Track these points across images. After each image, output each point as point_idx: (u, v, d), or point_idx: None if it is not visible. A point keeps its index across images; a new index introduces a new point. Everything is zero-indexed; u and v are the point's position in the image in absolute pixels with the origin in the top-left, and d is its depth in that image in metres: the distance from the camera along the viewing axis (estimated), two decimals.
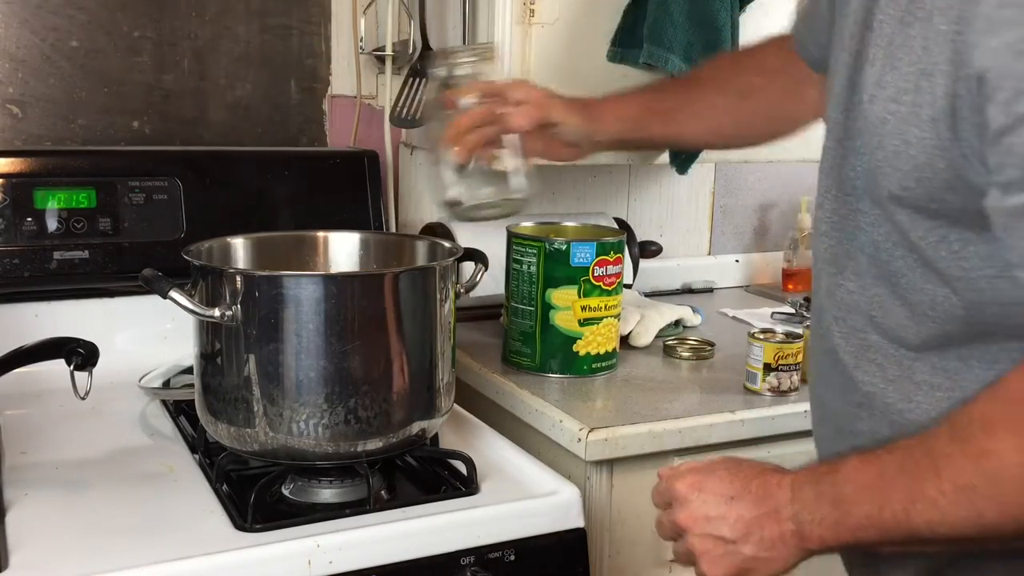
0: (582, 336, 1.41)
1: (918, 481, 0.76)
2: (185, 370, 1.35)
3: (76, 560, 0.91)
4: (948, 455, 0.75)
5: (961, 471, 0.74)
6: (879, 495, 0.78)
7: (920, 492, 0.75)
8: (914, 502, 0.75)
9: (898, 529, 0.77)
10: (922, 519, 0.75)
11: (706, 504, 0.90)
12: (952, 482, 0.74)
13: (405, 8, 1.63)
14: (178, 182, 1.47)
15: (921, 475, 0.76)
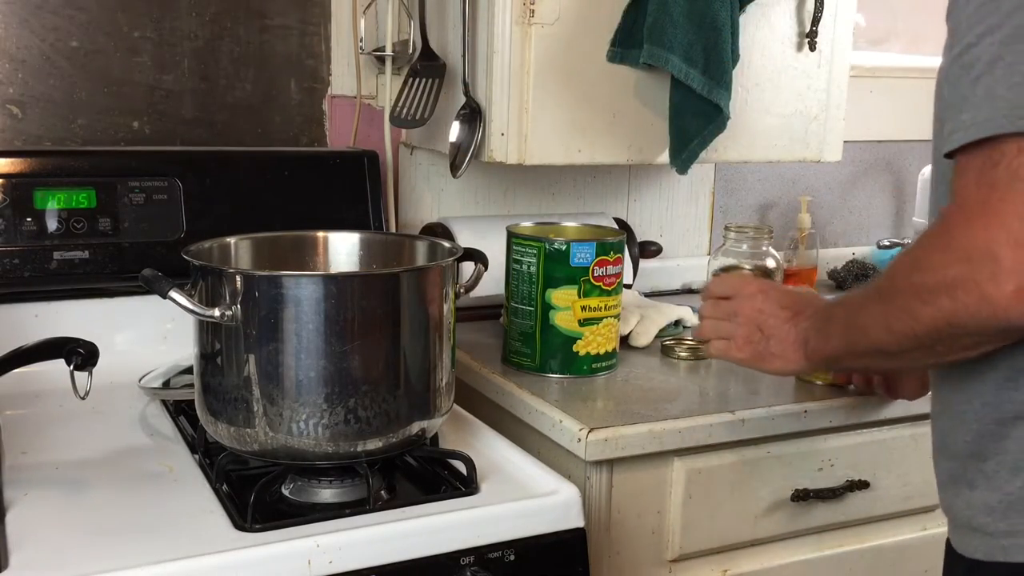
0: (582, 336, 1.41)
1: (871, 307, 0.94)
2: (185, 370, 1.35)
3: (76, 560, 0.91)
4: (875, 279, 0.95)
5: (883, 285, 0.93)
6: (850, 318, 0.99)
7: (865, 318, 0.95)
8: (864, 328, 0.95)
9: (853, 344, 0.99)
10: (862, 327, 0.95)
11: (767, 302, 1.14)
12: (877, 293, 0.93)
13: (405, 8, 1.63)
14: (178, 182, 1.47)
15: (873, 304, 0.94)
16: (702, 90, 1.45)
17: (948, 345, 0.86)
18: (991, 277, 0.77)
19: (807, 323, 1.09)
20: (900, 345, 0.89)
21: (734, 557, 1.36)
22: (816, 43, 1.64)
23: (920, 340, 0.86)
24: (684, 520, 1.30)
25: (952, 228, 0.81)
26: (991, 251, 0.77)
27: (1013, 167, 0.76)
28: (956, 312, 0.81)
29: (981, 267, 0.78)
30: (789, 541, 1.39)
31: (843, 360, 1.07)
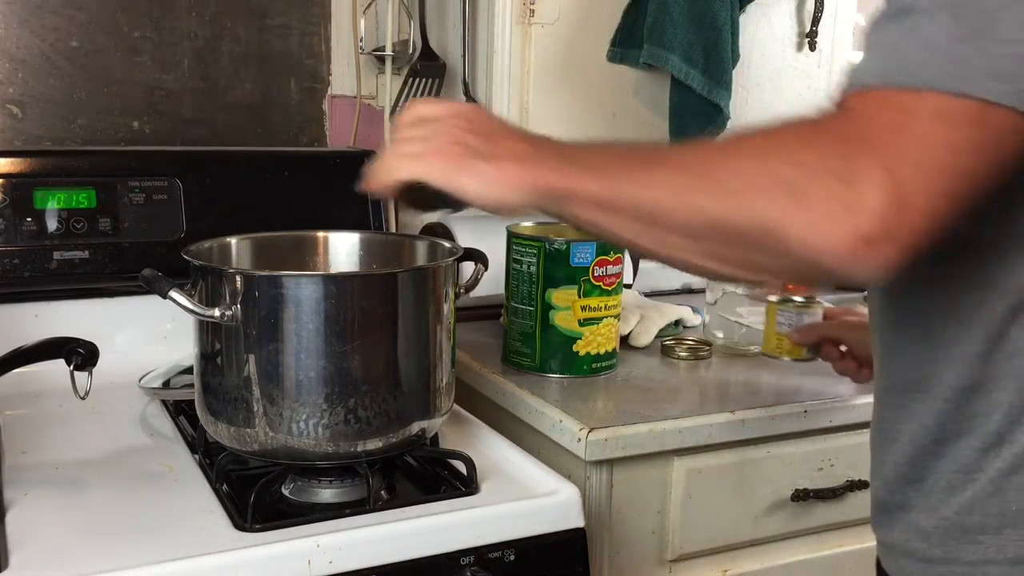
0: (582, 336, 1.41)
1: (662, 153, 0.79)
2: (185, 370, 1.35)
3: (76, 560, 0.91)
4: (704, 141, 0.80)
5: (702, 153, 0.76)
6: (620, 154, 0.80)
7: (658, 160, 0.77)
8: (649, 165, 0.76)
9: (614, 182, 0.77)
10: (645, 179, 0.75)
11: (487, 114, 0.88)
12: (689, 159, 0.76)
13: (405, 8, 1.63)
14: (178, 182, 1.47)
15: (669, 151, 0.80)
16: (702, 90, 1.46)
17: (738, 249, 0.72)
18: (849, 209, 0.65)
19: (546, 142, 0.84)
20: (685, 220, 0.73)
21: (734, 557, 1.36)
22: (816, 43, 1.64)
23: (716, 226, 0.71)
24: (684, 520, 1.30)
25: (842, 131, 0.68)
26: (874, 180, 0.64)
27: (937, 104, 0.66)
28: (787, 218, 0.67)
29: (849, 188, 0.65)
30: (789, 541, 1.39)
31: (580, 206, 0.79)
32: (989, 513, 0.80)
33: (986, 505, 0.80)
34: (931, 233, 0.67)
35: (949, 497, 0.82)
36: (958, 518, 0.81)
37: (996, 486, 0.79)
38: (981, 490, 0.80)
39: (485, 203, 0.84)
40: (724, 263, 0.74)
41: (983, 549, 0.80)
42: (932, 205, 0.65)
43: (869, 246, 0.65)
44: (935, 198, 0.65)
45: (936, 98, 0.66)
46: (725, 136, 0.78)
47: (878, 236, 0.65)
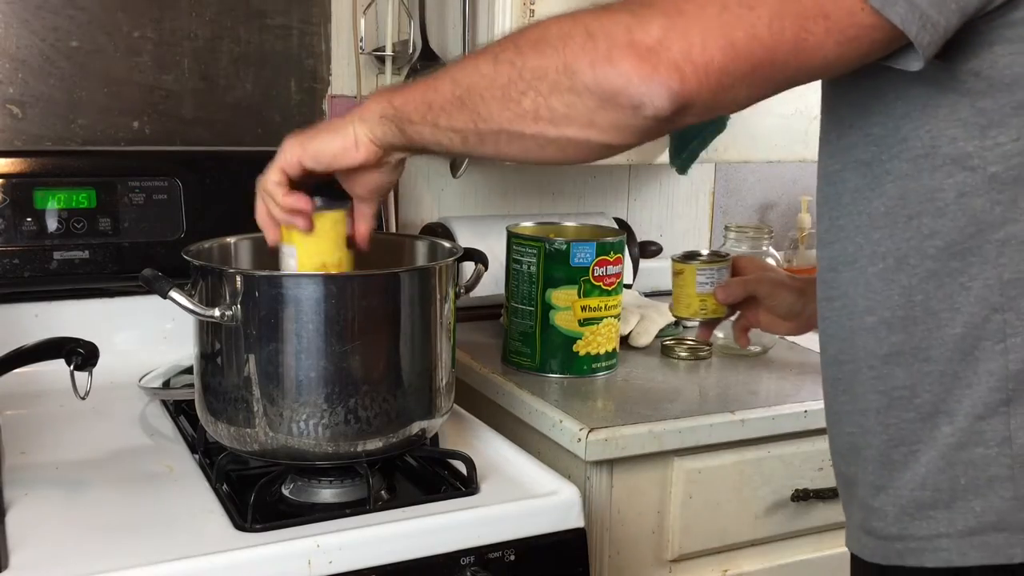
0: (582, 336, 1.41)
1: (490, 52, 0.82)
2: (185, 370, 1.35)
3: (76, 560, 0.91)
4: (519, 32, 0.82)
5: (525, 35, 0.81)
6: (450, 71, 0.86)
7: (486, 58, 0.82)
8: (475, 70, 0.83)
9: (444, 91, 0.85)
10: (471, 83, 0.83)
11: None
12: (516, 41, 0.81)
13: (405, 8, 1.63)
14: (178, 182, 1.47)
15: (491, 49, 0.83)
16: None
17: (548, 99, 0.78)
18: (632, 37, 0.72)
19: (386, 90, 0.94)
20: (519, 113, 0.80)
21: (734, 557, 1.36)
22: None
23: (529, 82, 0.78)
24: (684, 520, 1.30)
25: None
26: (666, 14, 0.72)
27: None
28: (582, 56, 0.75)
29: (641, 23, 0.72)
30: (789, 541, 1.39)
31: (411, 119, 0.88)
32: (940, 488, 0.81)
33: (937, 481, 0.81)
34: (720, 73, 0.72)
35: (896, 472, 0.83)
36: (912, 495, 0.82)
37: (947, 461, 0.80)
38: (933, 466, 0.81)
39: (334, 154, 0.94)
40: (541, 122, 0.79)
41: (935, 524, 0.81)
42: (715, 45, 0.71)
43: (650, 65, 0.72)
44: (719, 39, 0.71)
45: None
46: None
47: (658, 57, 0.72)
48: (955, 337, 0.79)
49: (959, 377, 0.79)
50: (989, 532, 0.79)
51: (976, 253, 0.77)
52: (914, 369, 0.81)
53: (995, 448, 0.78)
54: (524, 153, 0.84)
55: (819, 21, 0.71)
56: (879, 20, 0.70)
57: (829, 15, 0.71)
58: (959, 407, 0.79)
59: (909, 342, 0.81)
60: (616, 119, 0.76)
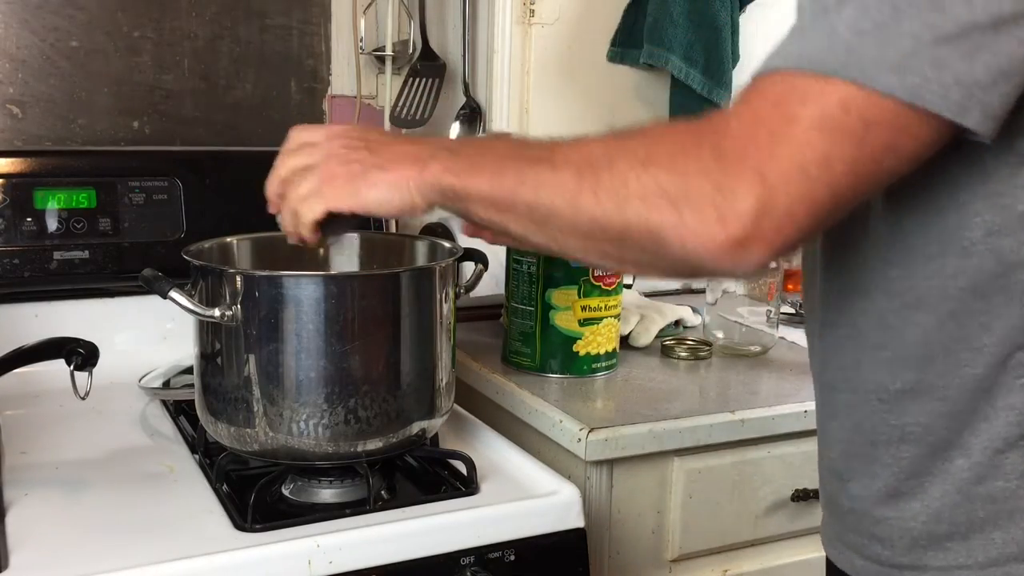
0: (582, 336, 1.41)
1: (550, 151, 0.79)
2: (185, 370, 1.35)
3: (76, 560, 0.91)
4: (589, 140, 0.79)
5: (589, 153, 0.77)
6: (511, 152, 0.82)
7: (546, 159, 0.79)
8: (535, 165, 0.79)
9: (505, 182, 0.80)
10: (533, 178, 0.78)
11: (369, 129, 0.91)
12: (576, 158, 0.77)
13: (405, 8, 1.63)
14: (178, 182, 1.47)
15: (556, 149, 0.79)
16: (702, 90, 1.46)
17: (626, 249, 0.77)
18: (724, 215, 0.69)
19: (436, 143, 0.88)
20: (574, 223, 0.77)
21: (734, 557, 1.36)
22: None
23: (604, 229, 0.75)
24: (684, 520, 1.30)
25: (724, 141, 0.71)
26: (747, 187, 0.69)
27: (818, 113, 0.68)
28: (669, 225, 0.71)
29: (726, 200, 0.69)
30: (789, 541, 1.39)
31: (475, 204, 0.83)
32: (957, 521, 0.80)
33: (954, 514, 0.80)
34: (804, 232, 0.71)
35: (904, 503, 0.83)
36: (925, 527, 0.82)
37: (964, 495, 0.80)
38: (948, 500, 0.80)
39: (389, 210, 0.88)
40: (614, 261, 0.79)
41: (952, 555, 0.81)
42: (798, 212, 0.69)
43: (741, 248, 0.70)
44: (802, 203, 0.69)
45: (832, 88, 0.69)
46: (613, 134, 0.78)
47: (749, 239, 0.69)
48: (975, 377, 0.77)
49: (976, 412, 0.78)
50: (1011, 563, 0.79)
51: (1001, 292, 0.75)
52: (929, 408, 0.80)
53: (1015, 481, 0.78)
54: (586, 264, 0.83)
55: (889, 154, 0.70)
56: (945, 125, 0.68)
57: (898, 147, 0.69)
58: (975, 441, 0.78)
59: (925, 380, 0.79)
60: (693, 275, 0.78)
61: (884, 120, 0.68)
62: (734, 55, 1.48)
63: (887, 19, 0.67)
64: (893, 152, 0.70)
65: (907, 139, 0.69)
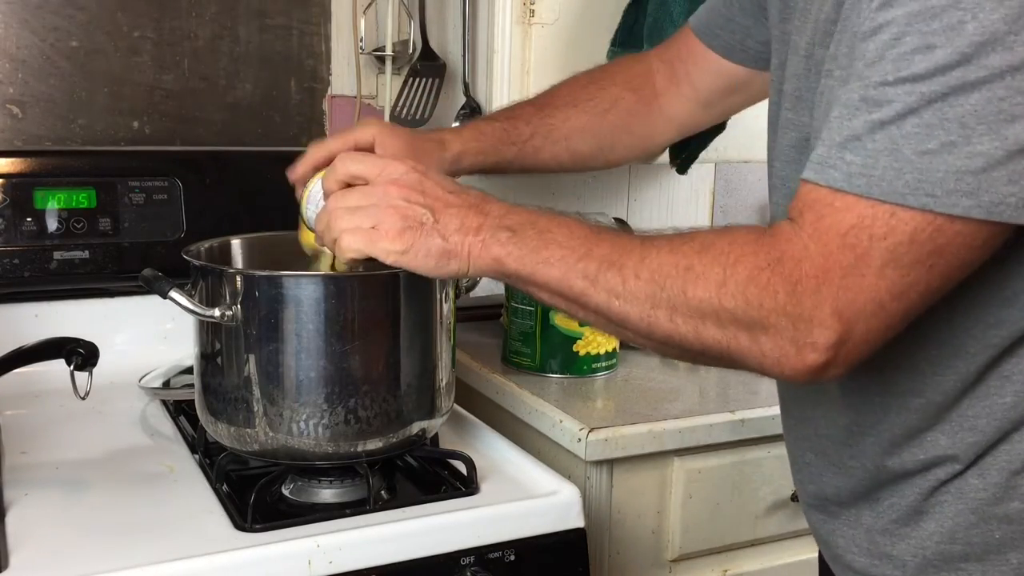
0: (582, 336, 1.41)
1: (621, 256, 0.78)
2: (185, 370, 1.35)
3: (76, 560, 0.91)
4: (658, 250, 0.77)
5: (660, 270, 0.76)
6: (579, 249, 0.79)
7: (617, 265, 0.78)
8: (606, 271, 0.78)
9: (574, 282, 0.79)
10: (604, 286, 0.78)
11: (428, 179, 0.87)
12: (647, 275, 0.76)
13: (405, 8, 1.63)
14: (178, 182, 1.47)
15: (626, 254, 0.78)
16: None
17: (705, 360, 0.80)
18: (802, 348, 0.71)
19: (495, 214, 0.83)
20: (649, 335, 0.78)
21: (734, 557, 1.36)
22: None
23: (679, 345, 0.77)
24: (684, 520, 1.30)
25: (796, 273, 0.71)
26: (825, 325, 0.70)
27: (890, 246, 0.68)
28: (746, 352, 0.74)
29: (803, 335, 0.71)
30: (789, 541, 1.39)
31: (540, 292, 0.83)
32: (972, 542, 0.80)
33: (969, 535, 0.80)
34: (876, 349, 0.74)
35: (920, 523, 0.83)
36: (939, 547, 0.82)
37: (979, 516, 0.80)
38: (963, 520, 0.80)
39: (437, 276, 0.88)
40: (690, 361, 0.87)
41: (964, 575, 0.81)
42: (875, 338, 0.72)
43: (819, 373, 0.73)
44: (879, 332, 0.72)
45: (903, 217, 0.68)
46: (684, 242, 0.78)
47: (828, 365, 0.72)
48: (1004, 407, 0.78)
49: (1001, 437, 0.79)
50: None
51: None
52: (959, 439, 0.80)
53: None
54: None
55: (961, 270, 0.71)
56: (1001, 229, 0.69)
57: (971, 261, 0.70)
58: (993, 462, 0.79)
59: (957, 416, 0.80)
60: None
61: (958, 241, 0.68)
62: None
63: (956, 138, 0.66)
64: (965, 266, 0.71)
65: (980, 251, 0.70)
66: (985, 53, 0.65)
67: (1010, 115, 0.65)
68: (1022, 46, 0.64)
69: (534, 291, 0.84)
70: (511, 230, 0.82)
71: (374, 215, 0.85)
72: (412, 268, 0.85)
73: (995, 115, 0.65)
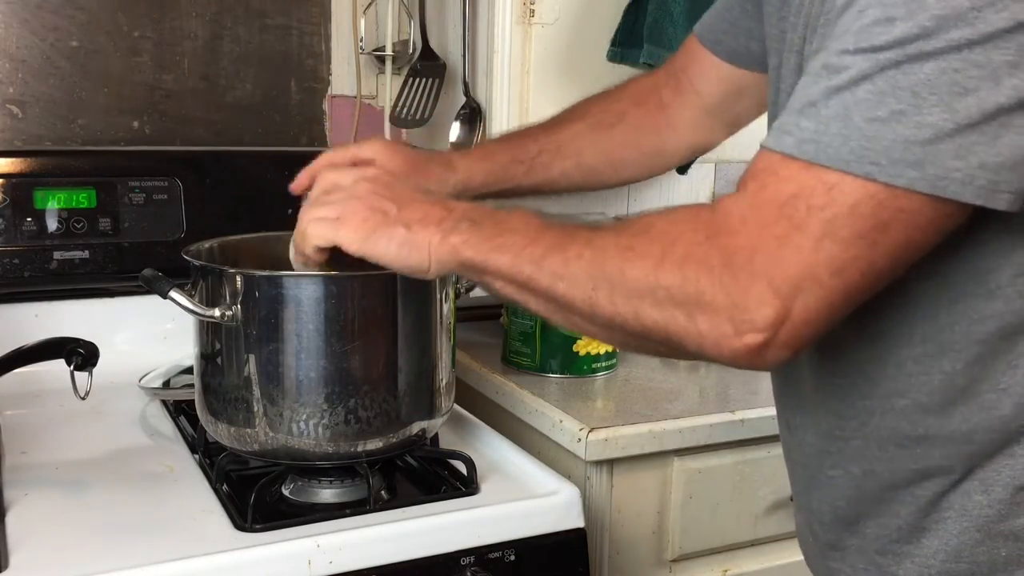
0: (582, 336, 1.41)
1: (566, 241, 0.78)
2: (185, 370, 1.35)
3: (76, 560, 0.91)
4: (604, 233, 0.78)
5: (603, 251, 0.76)
6: (530, 235, 0.80)
7: (562, 248, 0.78)
8: (551, 254, 0.78)
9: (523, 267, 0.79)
10: (549, 269, 0.78)
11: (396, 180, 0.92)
12: (588, 255, 0.76)
13: (405, 8, 1.63)
14: (178, 182, 1.47)
15: (571, 239, 0.78)
16: None
17: (647, 345, 0.78)
18: (740, 325, 0.70)
19: (461, 210, 0.86)
20: (592, 318, 0.77)
21: (734, 557, 1.36)
22: None
23: (621, 328, 0.76)
24: (684, 520, 1.30)
25: (732, 246, 0.70)
26: (761, 300, 0.69)
27: (829, 217, 0.67)
28: (683, 332, 0.72)
29: (740, 311, 0.69)
30: (789, 541, 1.39)
31: (493, 281, 0.83)
32: (978, 560, 0.79)
33: (974, 553, 0.79)
34: (820, 331, 0.71)
35: (923, 540, 0.81)
36: (944, 566, 0.80)
37: (985, 533, 0.78)
38: (968, 537, 0.79)
39: (399, 268, 0.87)
40: (634, 350, 0.82)
41: None
42: (816, 318, 0.69)
43: (758, 354, 0.70)
44: (819, 311, 0.69)
45: (844, 186, 0.67)
46: (626, 227, 0.78)
47: (766, 346, 0.70)
48: (1002, 418, 0.76)
49: (1001, 451, 0.77)
50: None
51: None
52: (953, 450, 0.78)
53: None
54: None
55: (906, 249, 0.69)
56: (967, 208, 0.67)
57: (916, 241, 0.68)
58: (997, 478, 0.77)
59: (948, 425, 0.78)
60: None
61: (901, 218, 0.66)
62: None
63: (906, 107, 0.65)
64: (911, 246, 0.68)
65: (926, 231, 0.68)
66: (946, 27, 0.64)
67: (963, 88, 0.64)
68: (983, 22, 0.64)
69: (489, 282, 0.83)
70: (472, 220, 0.84)
71: (340, 206, 0.88)
72: (374, 257, 0.86)
73: (948, 86, 0.64)
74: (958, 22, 0.64)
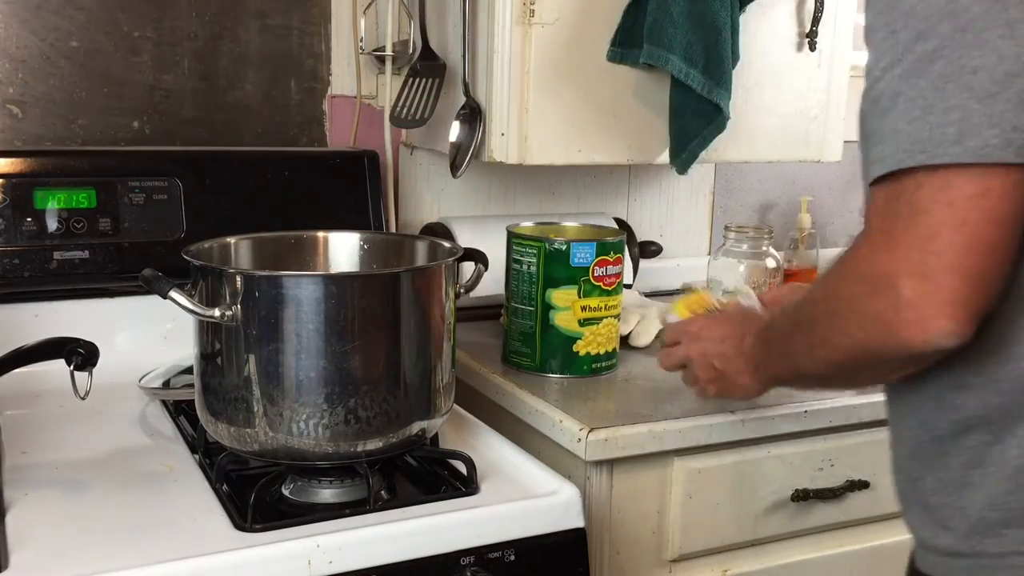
0: (582, 336, 1.41)
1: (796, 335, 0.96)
2: (185, 370, 1.35)
3: (76, 560, 0.91)
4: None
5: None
6: (782, 346, 1.01)
7: (793, 346, 0.97)
8: (794, 355, 0.97)
9: (789, 369, 1.01)
10: (797, 366, 0.97)
11: (708, 341, 1.20)
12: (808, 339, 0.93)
13: (405, 8, 1.63)
14: (178, 182, 1.47)
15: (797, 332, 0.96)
16: (702, 90, 1.45)
17: (871, 371, 0.89)
18: (892, 307, 0.79)
19: (751, 349, 1.11)
20: (827, 372, 0.92)
21: (734, 557, 1.36)
22: (816, 43, 1.64)
23: (842, 367, 0.89)
24: (684, 520, 1.30)
25: (859, 258, 0.83)
26: (892, 282, 0.78)
27: (912, 200, 0.78)
28: (868, 342, 0.83)
29: (884, 297, 0.79)
30: (789, 541, 1.39)
31: (789, 382, 1.08)
32: (1011, 507, 0.83)
33: (1007, 500, 0.83)
34: (977, 294, 0.77)
35: (968, 492, 0.86)
36: (981, 514, 0.85)
37: (1016, 482, 0.83)
38: (1001, 486, 0.83)
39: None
40: (877, 377, 0.92)
41: (1006, 542, 0.83)
42: (961, 277, 0.76)
43: (928, 327, 0.78)
44: (960, 270, 0.76)
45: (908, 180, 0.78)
46: (810, 294, 0.94)
47: (930, 317, 0.77)
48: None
49: None
50: None
51: None
52: (986, 400, 0.84)
53: None
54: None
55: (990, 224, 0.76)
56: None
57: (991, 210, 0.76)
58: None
59: (980, 377, 0.84)
60: (920, 365, 0.85)
61: (965, 192, 0.75)
62: (734, 55, 1.48)
63: (932, 99, 0.76)
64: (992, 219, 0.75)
65: (994, 200, 0.75)
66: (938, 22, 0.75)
67: (973, 68, 0.74)
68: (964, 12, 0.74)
69: (792, 386, 1.14)
70: (759, 355, 1.09)
71: (692, 374, 1.24)
72: (732, 399, 1.23)
73: (959, 71, 0.74)
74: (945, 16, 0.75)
